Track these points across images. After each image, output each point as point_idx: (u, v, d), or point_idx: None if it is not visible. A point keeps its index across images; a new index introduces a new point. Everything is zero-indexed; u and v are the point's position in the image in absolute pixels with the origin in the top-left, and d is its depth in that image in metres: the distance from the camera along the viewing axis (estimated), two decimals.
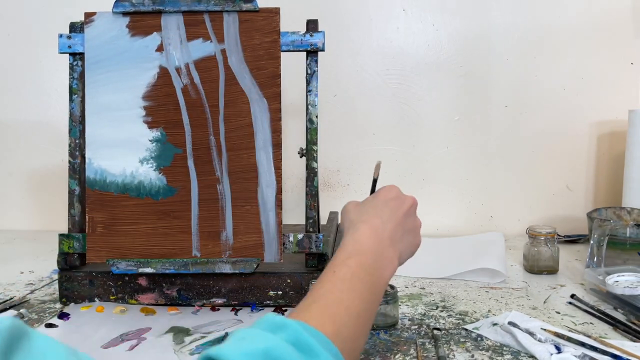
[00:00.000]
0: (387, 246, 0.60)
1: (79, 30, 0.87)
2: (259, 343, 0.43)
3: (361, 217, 0.62)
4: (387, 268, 0.58)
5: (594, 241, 0.93)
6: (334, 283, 0.53)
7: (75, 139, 0.87)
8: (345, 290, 0.52)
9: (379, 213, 0.63)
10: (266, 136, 0.84)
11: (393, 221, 0.62)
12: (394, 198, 0.66)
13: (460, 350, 0.70)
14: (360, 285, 0.54)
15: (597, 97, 1.29)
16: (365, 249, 0.58)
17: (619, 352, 0.67)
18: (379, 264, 0.57)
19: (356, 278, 0.54)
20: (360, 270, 0.55)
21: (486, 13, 1.28)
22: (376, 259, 0.57)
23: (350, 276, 0.54)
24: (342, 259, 0.56)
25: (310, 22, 0.86)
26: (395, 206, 0.64)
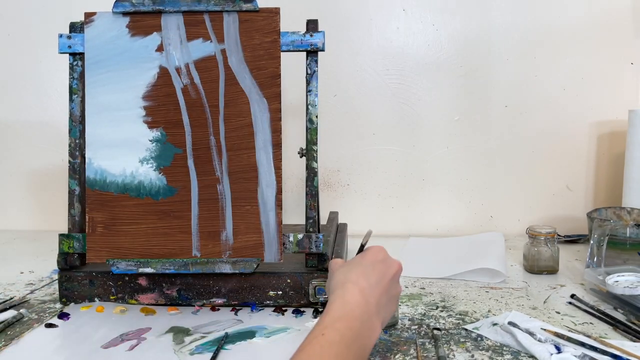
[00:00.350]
0: (374, 313, 0.58)
1: (79, 30, 0.87)
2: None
3: (349, 276, 0.60)
4: (372, 336, 0.56)
5: (594, 241, 0.93)
6: (323, 347, 0.51)
7: (75, 139, 0.87)
8: (334, 356, 0.50)
9: (367, 276, 0.61)
10: (266, 136, 0.84)
11: (380, 287, 0.61)
12: (381, 261, 0.64)
13: (460, 350, 0.70)
14: (347, 352, 0.52)
15: (597, 97, 1.29)
16: (354, 313, 0.56)
17: (618, 352, 0.67)
18: (365, 331, 0.55)
19: (344, 344, 0.52)
20: (349, 335, 0.53)
21: (486, 13, 1.28)
22: (363, 325, 0.55)
23: (339, 340, 0.52)
24: (331, 321, 0.54)
25: (310, 22, 0.86)
26: (382, 270, 0.63)
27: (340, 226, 1.14)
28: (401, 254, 1.14)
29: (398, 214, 1.34)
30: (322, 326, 0.53)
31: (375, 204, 1.34)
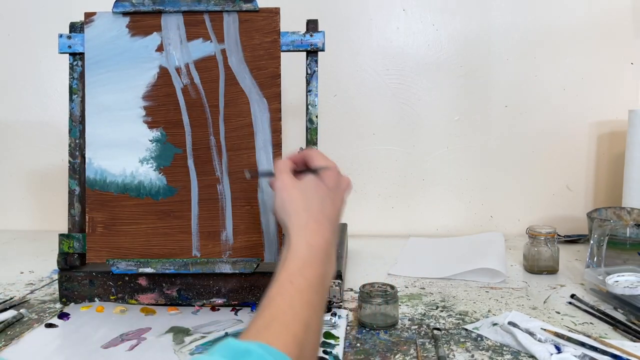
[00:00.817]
0: (334, 252, 0.58)
1: (79, 30, 0.87)
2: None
3: (311, 213, 0.59)
4: (332, 271, 0.57)
5: (594, 241, 0.93)
6: (293, 296, 0.51)
7: (75, 139, 0.87)
8: (305, 304, 0.51)
9: (325, 209, 0.60)
10: (266, 136, 0.84)
11: (336, 214, 0.61)
12: (337, 187, 0.63)
13: (460, 350, 0.70)
14: (316, 298, 0.52)
15: (597, 97, 1.29)
16: (319, 257, 0.56)
17: (618, 352, 0.67)
18: (329, 270, 0.56)
19: (313, 291, 0.52)
20: (317, 281, 0.53)
21: (486, 13, 1.28)
22: (327, 266, 0.56)
23: (307, 287, 0.52)
24: (298, 267, 0.54)
25: (310, 22, 0.86)
26: (337, 199, 0.62)
27: (340, 226, 1.14)
28: (401, 254, 1.14)
29: (398, 214, 1.33)
30: (289, 272, 0.53)
31: (375, 204, 1.33)
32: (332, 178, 0.64)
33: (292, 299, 0.51)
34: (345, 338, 0.74)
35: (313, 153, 0.67)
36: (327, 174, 0.64)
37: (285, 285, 0.52)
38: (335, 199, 0.62)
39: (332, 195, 0.62)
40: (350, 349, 0.71)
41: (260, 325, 0.48)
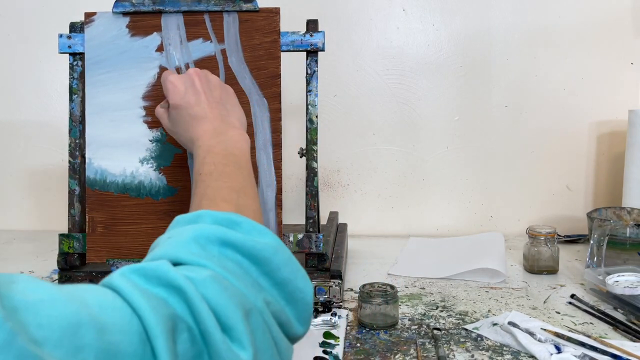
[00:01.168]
0: (226, 128, 0.66)
1: (79, 30, 0.87)
2: (186, 234, 0.46)
3: (185, 129, 0.68)
4: (238, 141, 0.65)
5: (594, 241, 0.93)
6: (206, 181, 0.58)
7: (75, 139, 0.87)
8: (219, 178, 0.58)
9: (192, 115, 0.68)
10: (266, 136, 0.84)
11: (208, 109, 0.68)
12: (186, 88, 0.70)
13: (460, 350, 0.70)
14: (227, 169, 0.60)
15: (597, 97, 1.29)
16: (212, 142, 0.64)
17: (619, 352, 0.67)
18: (230, 145, 0.63)
19: (220, 166, 0.60)
20: (219, 159, 0.61)
21: (486, 13, 1.28)
22: (224, 142, 0.64)
23: (214, 168, 0.59)
24: (201, 160, 0.62)
25: (310, 22, 0.86)
26: (193, 95, 0.69)
27: (340, 226, 1.14)
28: (401, 254, 1.14)
29: (398, 214, 1.33)
30: (197, 169, 0.61)
31: (375, 204, 1.34)
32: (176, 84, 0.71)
33: (207, 182, 0.58)
34: (345, 338, 0.74)
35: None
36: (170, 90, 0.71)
37: (197, 178, 0.60)
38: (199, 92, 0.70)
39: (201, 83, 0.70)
40: (350, 349, 0.71)
41: (193, 209, 0.55)
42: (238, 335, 0.39)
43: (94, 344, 0.32)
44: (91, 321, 0.32)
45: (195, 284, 0.40)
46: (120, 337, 0.34)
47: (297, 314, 0.48)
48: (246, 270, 0.46)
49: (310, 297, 0.49)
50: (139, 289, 0.38)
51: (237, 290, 0.42)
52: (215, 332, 0.38)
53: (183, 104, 0.69)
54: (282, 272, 0.47)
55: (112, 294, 0.37)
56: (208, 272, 0.42)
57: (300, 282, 0.48)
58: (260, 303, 0.44)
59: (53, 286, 0.33)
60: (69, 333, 0.31)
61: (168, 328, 0.36)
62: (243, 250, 0.46)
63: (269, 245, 0.47)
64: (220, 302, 0.40)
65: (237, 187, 0.58)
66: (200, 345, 0.38)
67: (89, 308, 0.33)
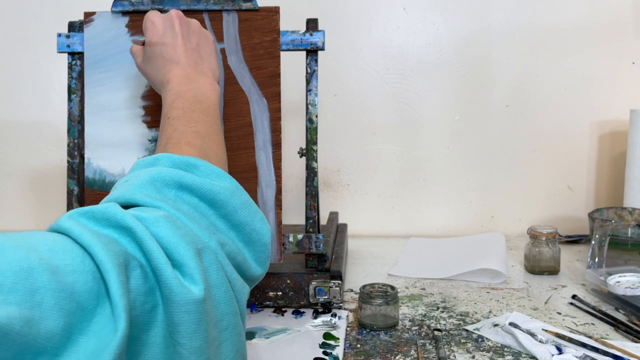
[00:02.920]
0: (197, 75, 0.67)
1: (78, 29, 0.87)
2: (142, 177, 0.46)
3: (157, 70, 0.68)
4: (208, 90, 0.65)
5: (595, 241, 0.93)
6: (173, 125, 0.59)
7: (74, 138, 0.86)
8: (186, 123, 0.58)
9: (166, 58, 0.68)
10: (266, 136, 0.84)
11: (182, 53, 0.68)
12: (164, 29, 0.70)
13: (461, 351, 0.70)
14: (194, 115, 0.60)
15: (598, 97, 1.28)
16: (182, 88, 0.64)
17: (620, 353, 0.66)
18: (199, 93, 0.64)
19: (188, 111, 0.60)
20: (188, 105, 0.61)
21: (487, 12, 1.27)
22: (194, 89, 0.64)
23: (182, 113, 0.60)
24: (169, 104, 0.62)
25: (310, 21, 0.86)
26: (170, 37, 0.69)
27: (340, 226, 1.14)
28: (401, 254, 1.13)
29: (398, 214, 1.33)
30: (165, 112, 0.62)
31: (376, 204, 1.33)
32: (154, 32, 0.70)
33: (173, 126, 0.58)
34: (346, 339, 0.74)
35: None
36: (149, 34, 0.71)
37: (164, 122, 0.60)
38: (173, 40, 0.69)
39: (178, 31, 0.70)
40: (351, 349, 0.71)
41: (158, 152, 0.56)
42: (189, 271, 0.40)
43: (49, 285, 0.32)
44: (42, 264, 0.33)
45: (145, 223, 0.41)
46: (73, 277, 0.34)
47: (255, 255, 0.50)
48: (202, 213, 0.47)
49: (267, 238, 0.51)
50: (89, 230, 0.38)
51: (190, 230, 0.43)
52: (165, 268, 0.39)
53: (159, 43, 0.69)
54: (238, 215, 0.48)
55: (60, 237, 0.38)
56: (160, 213, 0.43)
57: (257, 225, 0.50)
58: (214, 244, 0.45)
59: (1, 235, 0.34)
60: (21, 277, 0.32)
61: (119, 264, 0.37)
62: (199, 193, 0.47)
63: (225, 189, 0.48)
64: (171, 240, 0.41)
65: (202, 133, 0.58)
66: (152, 281, 0.39)
67: (39, 252, 0.34)
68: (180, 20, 0.71)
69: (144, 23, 0.72)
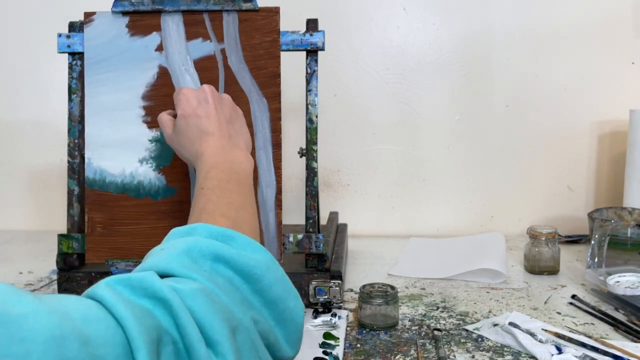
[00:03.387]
0: (232, 147, 0.68)
1: (78, 29, 0.87)
2: (179, 246, 0.46)
3: (191, 142, 0.68)
4: (243, 162, 0.66)
5: (595, 241, 0.93)
6: (207, 195, 0.59)
7: (74, 138, 0.86)
8: (220, 194, 0.59)
9: (201, 130, 0.68)
10: (266, 136, 0.84)
11: (216, 126, 0.68)
12: (198, 102, 0.70)
13: (460, 350, 0.70)
14: (229, 185, 0.61)
15: (598, 97, 1.28)
16: (217, 159, 0.65)
17: (620, 353, 0.67)
18: (234, 164, 0.65)
19: (223, 182, 0.61)
20: (223, 176, 0.62)
21: (487, 12, 1.28)
22: (230, 161, 0.65)
23: (217, 184, 0.61)
24: (204, 175, 0.62)
25: (310, 21, 0.86)
26: (205, 110, 0.69)
27: (340, 226, 1.14)
28: (401, 254, 1.13)
29: (398, 214, 1.33)
30: (199, 183, 0.62)
31: (376, 204, 1.33)
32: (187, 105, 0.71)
33: (207, 197, 0.59)
34: (346, 339, 0.74)
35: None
36: (182, 105, 0.71)
37: (199, 192, 0.61)
38: (207, 115, 0.70)
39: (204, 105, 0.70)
40: (351, 349, 0.71)
41: (191, 222, 0.56)
42: (223, 350, 0.39)
43: (78, 356, 0.31)
44: (75, 333, 0.32)
45: (181, 295, 0.40)
46: (104, 350, 0.33)
47: (287, 335, 0.47)
48: (237, 287, 0.45)
49: (300, 318, 0.48)
50: (124, 300, 0.37)
51: (225, 305, 0.42)
52: (199, 346, 0.38)
53: (193, 115, 0.69)
54: (273, 291, 0.47)
55: (95, 305, 0.36)
56: (196, 285, 0.41)
57: (291, 302, 0.48)
58: (248, 321, 0.43)
59: (35, 298, 0.33)
60: (53, 346, 0.31)
61: (152, 340, 0.36)
62: (235, 266, 0.45)
63: (261, 263, 0.47)
64: (207, 316, 0.39)
65: (237, 204, 0.58)
66: (184, 359, 0.38)
67: (72, 320, 0.33)
68: (212, 92, 0.71)
69: (176, 97, 0.72)
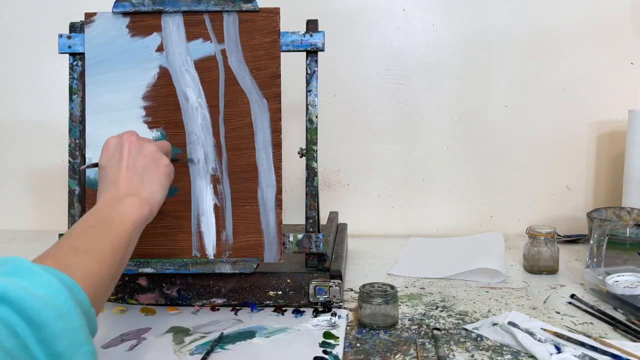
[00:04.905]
0: (126, 196, 0.65)
1: (79, 30, 0.87)
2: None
3: (99, 191, 0.68)
4: (131, 212, 0.63)
5: (594, 241, 0.93)
6: (63, 238, 0.56)
7: (75, 139, 0.87)
8: (71, 238, 0.56)
9: (108, 179, 0.68)
10: (266, 136, 0.84)
11: (122, 176, 0.68)
12: (114, 152, 0.70)
13: (460, 350, 0.71)
14: (89, 230, 0.58)
15: (597, 97, 1.29)
16: (100, 206, 0.64)
17: (618, 352, 0.67)
18: (115, 212, 0.62)
19: (86, 226, 0.59)
20: (91, 221, 0.60)
21: (486, 13, 1.28)
22: (111, 208, 0.63)
23: (79, 227, 0.58)
24: (79, 219, 0.61)
25: (310, 22, 0.86)
26: (117, 160, 0.69)
27: (340, 226, 1.14)
28: (401, 254, 1.14)
29: (398, 214, 1.34)
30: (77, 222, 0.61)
31: (376, 204, 1.34)
32: (106, 150, 0.71)
33: (61, 240, 0.56)
34: (345, 338, 0.74)
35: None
36: (103, 150, 0.72)
37: (69, 232, 0.59)
38: (114, 164, 0.70)
39: (112, 162, 0.70)
40: (350, 349, 0.71)
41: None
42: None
43: None
44: None
45: None
46: None
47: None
48: (16, 332, 0.40)
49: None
50: None
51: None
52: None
53: (105, 166, 0.70)
54: (57, 343, 0.42)
55: None
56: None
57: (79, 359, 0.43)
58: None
59: None
60: None
61: None
62: (18, 308, 0.41)
63: (52, 308, 0.42)
64: None
65: (83, 248, 0.54)
66: None
67: None
68: (131, 142, 0.70)
69: (104, 144, 0.72)
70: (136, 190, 0.67)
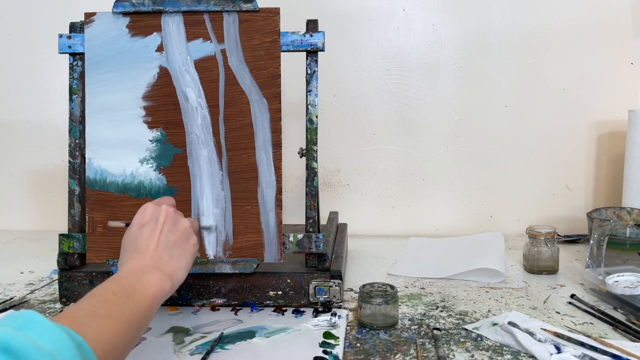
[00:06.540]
0: (152, 270, 0.64)
1: (79, 30, 0.87)
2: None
3: (125, 252, 0.67)
4: (152, 286, 0.62)
5: (594, 241, 0.93)
6: (82, 300, 0.56)
7: (75, 139, 0.87)
8: (91, 302, 0.55)
9: (137, 245, 0.67)
10: (266, 136, 0.84)
11: (152, 246, 0.66)
12: (150, 219, 0.69)
13: (460, 350, 0.71)
14: (110, 297, 0.57)
15: (597, 97, 1.29)
16: (123, 274, 0.63)
17: (618, 352, 0.67)
18: (139, 284, 0.61)
19: (108, 293, 0.58)
20: (114, 288, 0.59)
21: (486, 13, 1.28)
22: (135, 280, 0.62)
23: (101, 293, 0.58)
24: (102, 284, 0.60)
25: (310, 22, 0.86)
26: (151, 229, 0.68)
27: (340, 226, 1.14)
28: (401, 254, 1.14)
29: (398, 214, 1.34)
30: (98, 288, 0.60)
31: (375, 204, 1.34)
32: (140, 217, 0.70)
33: (80, 301, 0.56)
34: (345, 338, 0.74)
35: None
36: (136, 216, 0.70)
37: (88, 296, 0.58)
38: (147, 234, 0.68)
39: (145, 231, 0.68)
40: (350, 349, 0.71)
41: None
42: None
43: None
44: None
45: None
46: None
47: None
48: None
49: None
50: None
51: None
52: None
53: (137, 230, 0.68)
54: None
55: None
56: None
57: None
58: None
59: None
60: None
61: None
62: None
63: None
64: None
65: (101, 313, 0.54)
66: None
67: None
68: (168, 216, 0.69)
69: (141, 207, 0.71)
70: (163, 264, 0.66)
